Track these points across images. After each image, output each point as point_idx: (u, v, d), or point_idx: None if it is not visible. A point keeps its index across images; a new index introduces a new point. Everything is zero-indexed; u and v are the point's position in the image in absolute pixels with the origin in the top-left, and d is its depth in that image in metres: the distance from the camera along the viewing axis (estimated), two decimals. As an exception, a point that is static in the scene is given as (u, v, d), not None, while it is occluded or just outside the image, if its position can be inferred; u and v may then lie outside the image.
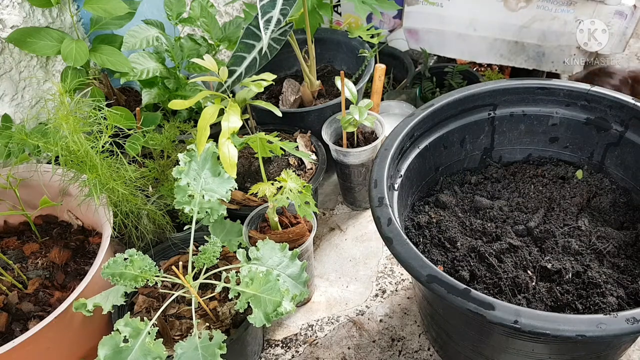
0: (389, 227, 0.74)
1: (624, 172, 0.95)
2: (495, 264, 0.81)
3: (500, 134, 1.01)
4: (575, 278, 0.79)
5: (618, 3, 1.19)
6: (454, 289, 0.64)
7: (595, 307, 0.74)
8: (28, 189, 1.03)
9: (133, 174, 0.96)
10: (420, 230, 0.90)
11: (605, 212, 0.92)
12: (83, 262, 1.03)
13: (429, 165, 0.98)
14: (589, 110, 0.94)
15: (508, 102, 0.97)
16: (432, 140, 0.96)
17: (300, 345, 1.04)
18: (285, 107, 1.35)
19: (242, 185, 1.18)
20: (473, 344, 0.81)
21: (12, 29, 1.09)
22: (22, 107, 1.17)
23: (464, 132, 0.99)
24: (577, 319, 0.59)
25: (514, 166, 1.04)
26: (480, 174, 1.03)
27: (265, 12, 0.97)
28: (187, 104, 0.88)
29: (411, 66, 1.58)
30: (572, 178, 0.99)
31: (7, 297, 0.93)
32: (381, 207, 0.77)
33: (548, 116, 0.97)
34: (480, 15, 1.36)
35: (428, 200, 0.97)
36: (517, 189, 0.98)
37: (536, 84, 0.94)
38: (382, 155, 0.85)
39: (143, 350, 0.72)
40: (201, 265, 0.84)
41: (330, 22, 1.56)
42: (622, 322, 0.58)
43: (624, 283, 0.78)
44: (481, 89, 0.95)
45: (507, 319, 0.60)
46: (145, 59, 1.19)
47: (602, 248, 0.83)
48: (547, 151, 1.02)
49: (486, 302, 0.62)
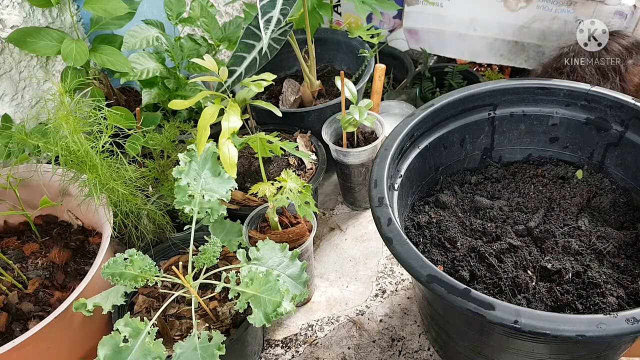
0: (389, 227, 0.74)
1: (624, 172, 0.95)
2: (495, 264, 0.81)
3: (500, 134, 1.01)
4: (575, 278, 0.79)
5: (618, 3, 1.19)
6: (454, 289, 0.64)
7: (595, 307, 0.74)
8: (28, 189, 1.03)
9: (133, 174, 0.96)
10: (420, 230, 0.90)
11: (605, 212, 0.92)
12: (83, 262, 1.03)
13: (429, 165, 0.98)
14: (588, 110, 0.94)
15: (508, 102, 0.97)
16: (432, 140, 0.95)
17: (300, 345, 1.04)
18: (285, 107, 1.35)
19: (242, 185, 1.18)
20: (473, 344, 0.81)
21: (12, 29, 1.09)
22: (22, 107, 1.17)
23: (464, 132, 0.99)
24: (577, 319, 0.59)
25: (514, 166, 1.04)
26: (480, 174, 1.03)
27: (265, 12, 0.97)
28: (187, 104, 0.88)
29: (411, 66, 1.58)
30: (572, 178, 0.99)
31: (7, 297, 0.93)
32: (381, 207, 0.77)
33: (548, 116, 0.97)
34: (480, 15, 1.36)
35: (428, 200, 0.97)
36: (517, 189, 0.98)
37: (536, 84, 0.94)
38: (382, 155, 0.85)
39: (143, 350, 0.72)
40: (201, 265, 0.84)
41: (330, 22, 1.56)
42: (622, 322, 0.58)
43: (624, 283, 0.78)
44: (481, 89, 0.95)
45: (507, 319, 0.60)
46: (145, 59, 1.19)
47: (602, 248, 0.83)
48: (547, 151, 1.02)
49: (486, 302, 0.62)
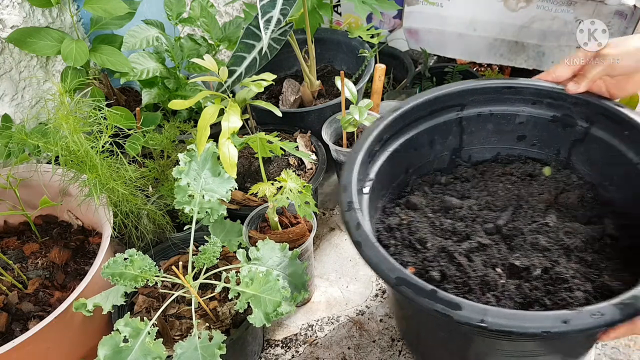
0: (358, 232, 0.74)
1: (590, 167, 0.95)
2: (465, 263, 0.81)
3: (469, 134, 1.01)
4: (543, 274, 0.79)
5: (618, 3, 1.19)
6: (421, 290, 0.64)
7: (563, 302, 0.75)
8: (28, 189, 1.03)
9: (133, 174, 0.96)
10: (391, 233, 0.90)
11: (572, 207, 0.93)
12: (83, 262, 1.03)
13: (399, 168, 0.98)
14: (554, 107, 0.95)
15: (476, 102, 0.98)
16: (401, 143, 0.96)
17: (300, 345, 1.04)
18: (285, 107, 1.35)
19: (242, 185, 1.18)
20: (444, 345, 0.82)
21: (12, 29, 1.09)
22: (22, 107, 1.17)
23: (433, 133, 0.99)
24: (542, 316, 0.60)
25: (483, 165, 1.04)
26: (450, 174, 1.04)
27: (265, 12, 0.97)
28: (187, 104, 0.88)
29: (411, 66, 1.58)
30: (539, 175, 1.00)
31: (7, 297, 0.93)
32: (350, 211, 0.77)
33: (515, 115, 0.98)
34: (480, 15, 1.36)
35: (399, 202, 0.98)
36: (486, 187, 0.99)
37: (503, 83, 0.95)
38: (351, 160, 0.85)
39: (143, 350, 0.72)
40: (201, 265, 0.84)
41: (330, 22, 1.56)
42: (587, 317, 0.59)
43: (592, 277, 0.79)
44: (449, 89, 0.96)
45: (474, 318, 0.60)
46: (145, 59, 1.19)
47: (569, 243, 0.84)
48: (515, 149, 1.03)
49: (453, 302, 0.62)
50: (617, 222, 0.87)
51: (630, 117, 0.85)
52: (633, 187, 0.86)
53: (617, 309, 0.59)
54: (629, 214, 0.88)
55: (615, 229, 0.86)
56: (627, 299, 0.60)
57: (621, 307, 0.59)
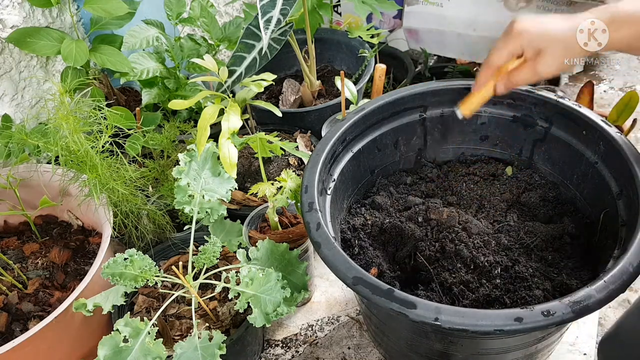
0: (318, 232, 0.74)
1: (551, 166, 0.96)
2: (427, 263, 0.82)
3: (433, 134, 1.02)
4: (503, 273, 0.80)
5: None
6: (377, 289, 0.65)
7: (521, 300, 0.76)
8: (28, 189, 1.03)
9: (133, 174, 0.96)
10: (355, 233, 0.91)
11: (534, 207, 0.94)
12: (83, 262, 1.03)
13: (364, 168, 0.99)
14: (514, 108, 0.96)
15: (438, 103, 0.99)
16: (365, 144, 0.97)
17: (300, 345, 1.04)
18: (285, 107, 1.35)
19: (242, 185, 1.18)
20: (408, 343, 0.82)
21: (12, 29, 1.09)
22: (22, 107, 1.17)
23: (397, 134, 1.00)
24: (495, 314, 0.60)
25: (447, 165, 1.05)
26: (415, 175, 1.04)
27: (265, 12, 0.97)
28: (187, 104, 0.88)
29: (411, 66, 1.58)
30: (502, 175, 1.01)
31: (7, 297, 0.93)
32: (311, 212, 0.77)
33: (477, 115, 0.98)
34: (480, 15, 1.36)
35: (364, 203, 0.98)
36: (450, 187, 1.00)
37: (463, 84, 0.96)
38: (313, 161, 0.86)
39: (143, 350, 0.72)
40: (201, 265, 0.84)
41: (330, 22, 1.56)
42: (538, 315, 0.59)
43: (551, 276, 0.79)
44: (410, 91, 0.97)
45: (428, 316, 0.61)
46: (145, 59, 1.19)
47: (529, 242, 0.85)
48: (479, 149, 1.04)
49: (408, 301, 0.63)
50: (577, 221, 0.89)
51: (586, 117, 0.86)
52: (592, 186, 0.88)
53: (568, 307, 0.60)
54: (589, 213, 0.89)
55: (575, 227, 0.87)
56: (579, 297, 0.61)
57: (572, 305, 0.60)
